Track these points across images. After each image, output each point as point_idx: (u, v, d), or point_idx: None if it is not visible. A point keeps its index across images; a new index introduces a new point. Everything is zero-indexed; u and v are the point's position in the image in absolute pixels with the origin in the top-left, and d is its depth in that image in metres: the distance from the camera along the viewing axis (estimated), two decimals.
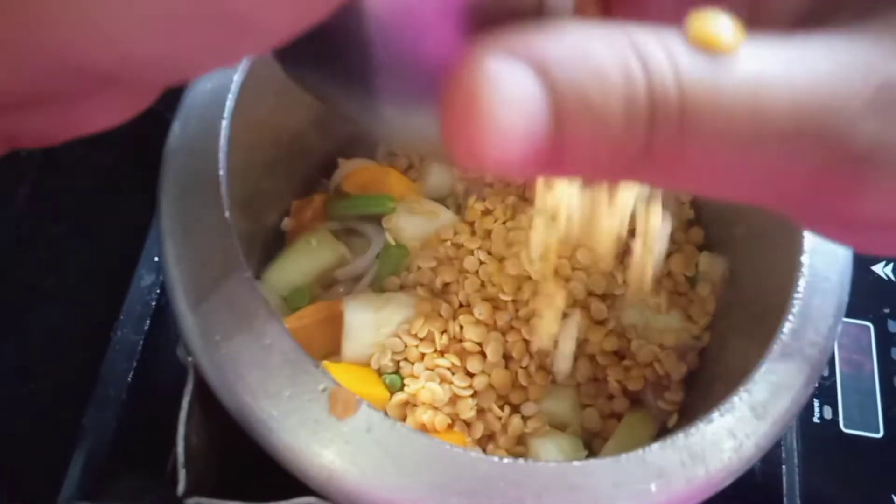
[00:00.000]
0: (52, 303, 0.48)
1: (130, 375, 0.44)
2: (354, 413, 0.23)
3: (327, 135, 0.46)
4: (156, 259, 0.48)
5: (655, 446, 0.24)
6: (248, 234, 0.42)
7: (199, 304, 0.25)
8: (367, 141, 0.48)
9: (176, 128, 0.28)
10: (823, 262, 0.27)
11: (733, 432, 0.24)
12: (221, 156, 0.27)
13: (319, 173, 0.47)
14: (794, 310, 0.26)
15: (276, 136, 0.41)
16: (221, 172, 0.27)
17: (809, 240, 0.27)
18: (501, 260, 0.39)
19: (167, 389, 0.44)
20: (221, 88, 0.28)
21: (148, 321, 0.45)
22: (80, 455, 0.41)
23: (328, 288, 0.43)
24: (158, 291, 0.47)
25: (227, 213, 0.26)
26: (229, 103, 0.28)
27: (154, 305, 0.46)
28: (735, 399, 0.25)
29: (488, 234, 0.41)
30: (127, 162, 0.53)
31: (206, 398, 0.25)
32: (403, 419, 0.37)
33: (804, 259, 0.27)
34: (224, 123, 0.27)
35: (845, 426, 0.46)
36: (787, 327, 0.25)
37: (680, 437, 0.24)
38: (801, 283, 0.26)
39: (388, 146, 0.48)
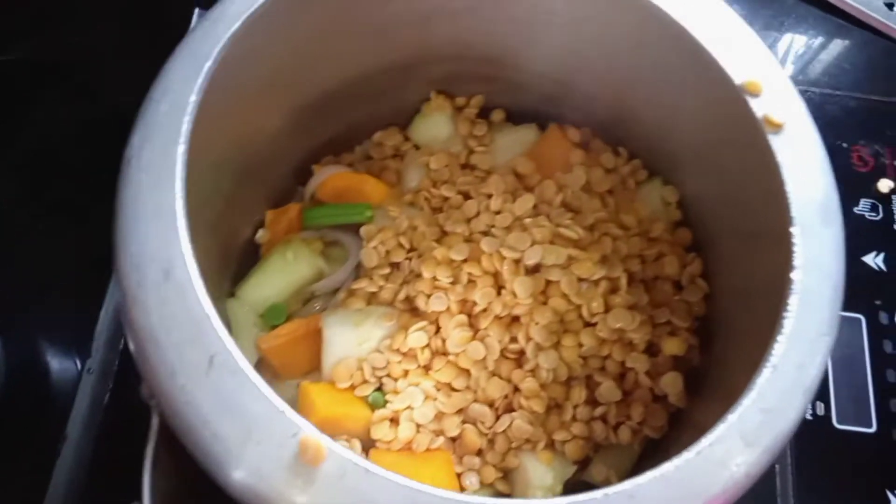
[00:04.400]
0: (25, 324, 0.47)
1: (107, 398, 0.43)
2: (325, 459, 0.22)
3: (300, 142, 0.44)
4: None
5: (644, 480, 0.23)
6: (221, 249, 0.41)
7: (160, 343, 0.24)
8: (344, 145, 0.46)
9: (130, 156, 0.26)
10: (815, 279, 0.25)
11: (724, 463, 0.23)
12: (178, 184, 0.25)
13: (294, 181, 0.45)
14: (784, 330, 0.25)
15: (245, 146, 0.39)
16: (179, 202, 0.25)
17: (801, 256, 0.26)
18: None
19: (144, 410, 0.43)
20: (177, 110, 0.26)
21: (122, 342, 0.44)
22: (58, 484, 0.40)
23: (306, 302, 0.42)
24: None
25: (187, 247, 0.25)
26: (185, 126, 0.26)
27: None
28: (723, 427, 0.23)
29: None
30: (101, 178, 0.52)
31: (174, 440, 0.24)
32: (387, 438, 0.36)
33: (795, 276, 0.25)
34: (181, 149, 0.26)
35: (838, 422, 0.45)
36: (777, 349, 0.24)
37: (669, 470, 0.23)
38: (793, 300, 0.25)
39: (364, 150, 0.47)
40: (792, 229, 0.26)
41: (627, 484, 0.23)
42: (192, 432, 0.23)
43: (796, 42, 0.63)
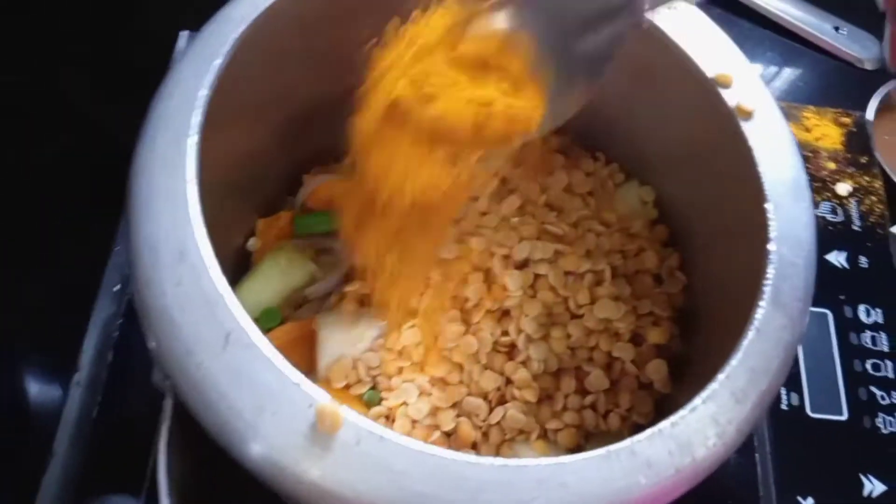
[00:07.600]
0: (10, 340, 0.47)
1: (96, 411, 0.43)
2: (342, 428, 0.23)
3: (291, 152, 0.45)
4: (115, 289, 0.46)
5: (643, 437, 0.24)
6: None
7: (175, 323, 0.24)
8: (332, 155, 0.48)
9: (142, 145, 0.27)
10: (789, 249, 0.27)
11: (716, 419, 0.24)
12: (190, 173, 0.26)
13: (285, 191, 0.46)
14: (765, 296, 0.26)
15: (238, 155, 0.40)
16: (192, 188, 0.26)
17: (775, 229, 0.28)
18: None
19: (135, 421, 0.43)
20: (187, 104, 0.28)
21: (111, 353, 0.44)
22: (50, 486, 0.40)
23: (298, 307, 0.43)
24: (121, 321, 0.45)
25: (199, 230, 0.26)
26: (196, 119, 0.27)
27: (116, 336, 0.45)
28: (715, 386, 0.25)
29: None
30: (82, 192, 0.52)
31: (187, 422, 0.24)
32: None
33: (771, 247, 0.27)
34: (192, 140, 0.27)
35: (812, 411, 0.47)
36: (759, 313, 0.26)
37: (666, 427, 0.24)
38: (770, 269, 0.27)
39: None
40: (766, 205, 0.28)
41: (628, 442, 0.24)
42: (208, 409, 0.24)
43: (755, 64, 0.68)
